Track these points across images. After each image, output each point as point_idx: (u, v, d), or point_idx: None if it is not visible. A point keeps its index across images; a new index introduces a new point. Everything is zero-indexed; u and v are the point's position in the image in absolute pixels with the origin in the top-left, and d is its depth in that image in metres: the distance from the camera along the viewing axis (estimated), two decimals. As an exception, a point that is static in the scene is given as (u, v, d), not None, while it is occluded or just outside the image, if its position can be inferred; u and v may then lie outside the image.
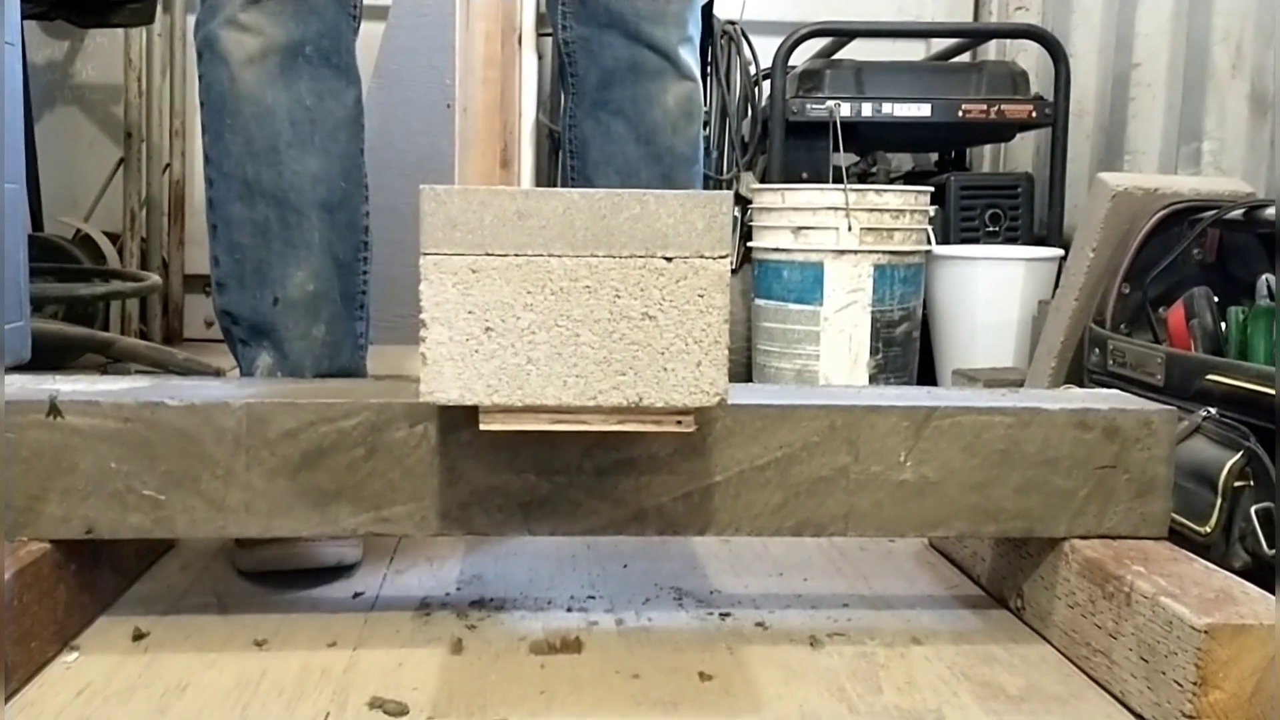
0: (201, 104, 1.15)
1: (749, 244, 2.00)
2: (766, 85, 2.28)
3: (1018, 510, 0.96)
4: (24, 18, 1.97)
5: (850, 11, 2.75)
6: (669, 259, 0.78)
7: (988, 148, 2.73)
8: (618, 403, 0.79)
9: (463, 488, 0.92)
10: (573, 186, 1.27)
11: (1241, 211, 1.40)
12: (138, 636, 0.93)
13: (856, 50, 2.42)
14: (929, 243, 1.95)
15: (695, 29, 1.25)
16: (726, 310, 0.79)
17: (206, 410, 0.90)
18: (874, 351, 1.85)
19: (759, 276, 1.94)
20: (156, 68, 2.74)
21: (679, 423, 0.81)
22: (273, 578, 1.06)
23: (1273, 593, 0.83)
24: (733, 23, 2.37)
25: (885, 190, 1.88)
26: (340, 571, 1.08)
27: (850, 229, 1.82)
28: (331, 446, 0.91)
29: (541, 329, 0.78)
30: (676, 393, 0.79)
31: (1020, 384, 1.10)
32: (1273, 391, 1.11)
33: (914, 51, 2.73)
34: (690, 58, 1.24)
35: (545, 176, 2.50)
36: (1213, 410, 1.15)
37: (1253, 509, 1.06)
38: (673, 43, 1.20)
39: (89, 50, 2.87)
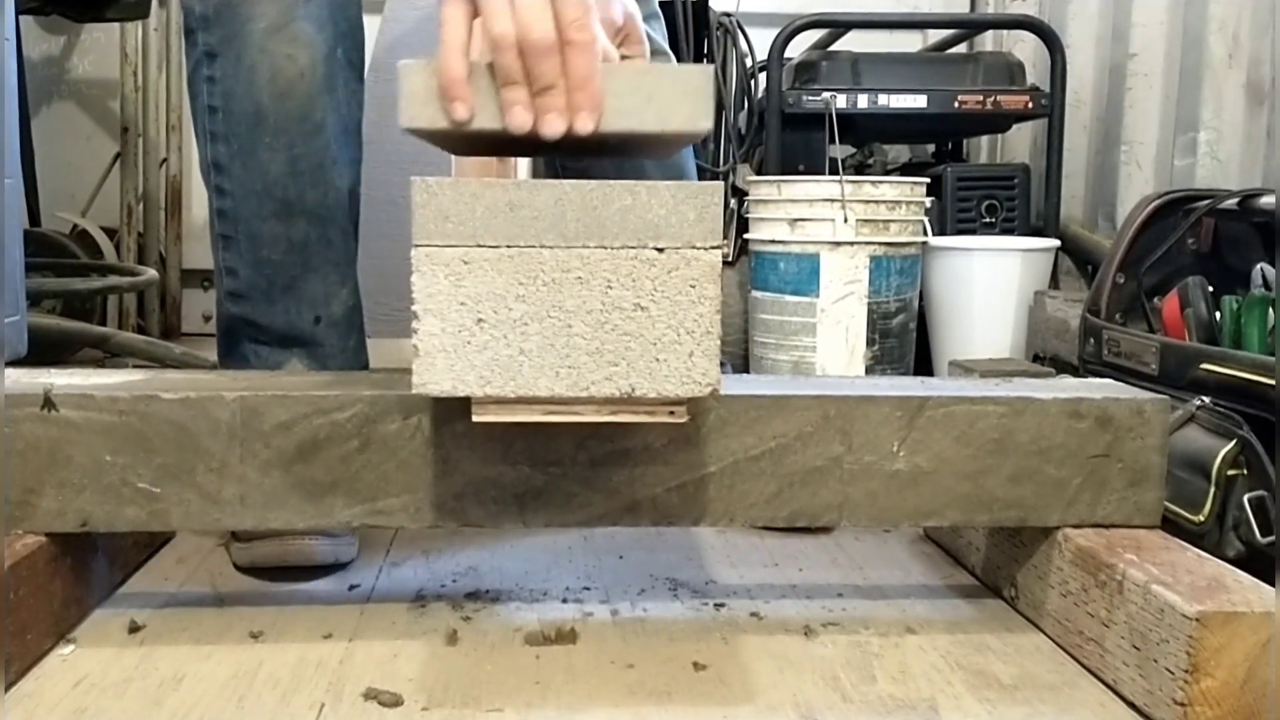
0: (213, 110, 1.08)
1: (745, 236, 2.00)
2: (763, 77, 2.28)
3: (1011, 500, 0.96)
4: (20, 13, 1.97)
5: (847, 3, 2.74)
6: (661, 250, 0.78)
7: (984, 139, 2.73)
8: (610, 394, 0.79)
9: (457, 479, 0.92)
10: (566, 176, 1.28)
11: (1236, 201, 1.40)
12: (134, 629, 0.94)
13: (853, 41, 2.42)
14: (925, 234, 1.94)
15: (655, 5, 1.30)
16: (718, 301, 0.79)
17: (201, 403, 0.90)
18: (870, 343, 1.85)
19: (756, 268, 1.94)
20: (153, 62, 2.74)
21: (672, 413, 0.81)
22: (268, 572, 1.06)
23: (1266, 581, 0.83)
24: (729, 15, 2.37)
25: (881, 182, 1.88)
26: (336, 566, 1.08)
27: (846, 220, 1.81)
28: (326, 439, 0.91)
29: (533, 320, 0.78)
30: (669, 383, 0.79)
31: (1016, 374, 1.10)
32: (1267, 380, 1.11)
33: (910, 43, 2.72)
34: (656, 32, 1.28)
35: (541, 168, 2.49)
36: (1207, 399, 1.15)
37: (1246, 497, 1.07)
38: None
39: (85, 45, 2.86)
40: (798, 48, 2.28)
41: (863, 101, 2.16)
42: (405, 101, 0.80)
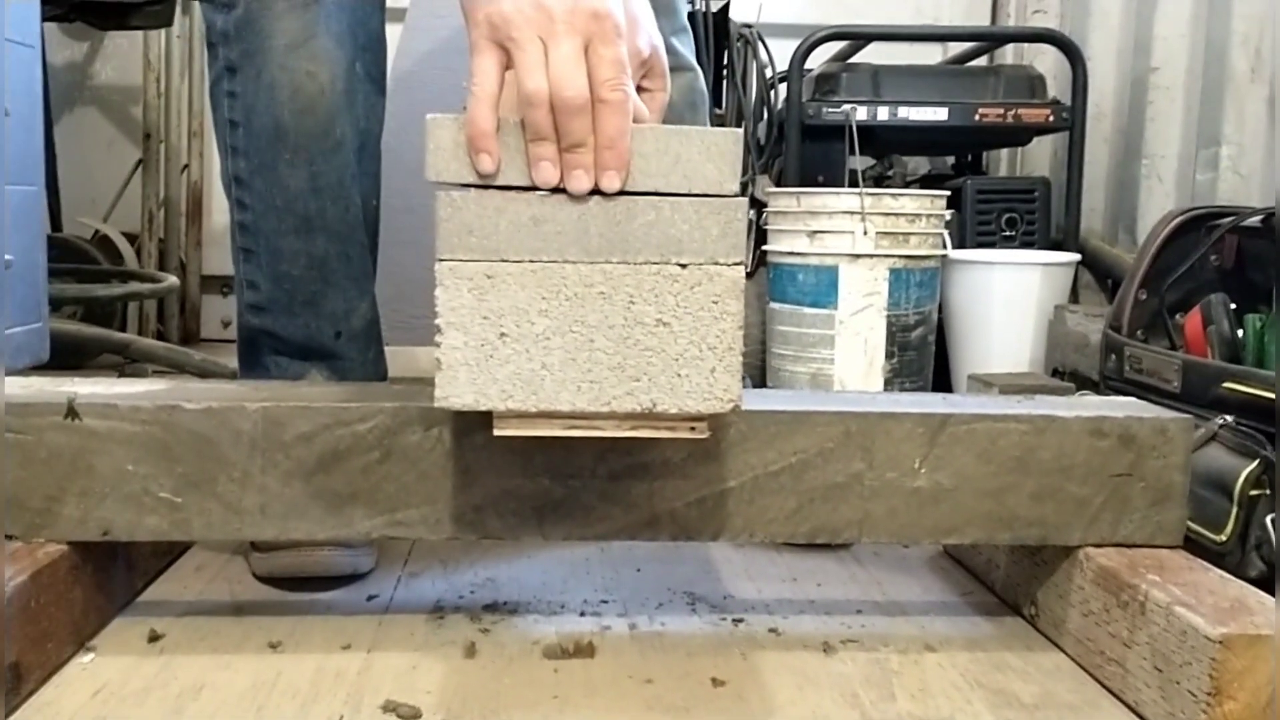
0: (234, 124, 1.08)
1: (764, 247, 2.00)
2: (783, 88, 2.28)
3: (1032, 518, 0.96)
4: (44, 20, 1.98)
5: (867, 15, 2.74)
6: (684, 265, 0.78)
7: (1005, 151, 2.72)
8: (631, 409, 0.79)
9: (476, 491, 0.92)
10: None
11: (1260, 218, 1.39)
12: (153, 638, 0.94)
13: (873, 53, 2.41)
14: (945, 247, 1.94)
15: (684, 19, 1.28)
16: (741, 317, 0.79)
17: (223, 413, 0.90)
18: (889, 355, 1.84)
19: (774, 279, 1.94)
20: (175, 69, 2.76)
21: (693, 429, 0.81)
22: (287, 582, 1.06)
23: (1288, 602, 0.82)
24: (749, 26, 2.37)
25: (901, 194, 1.88)
26: (354, 577, 1.09)
27: (866, 233, 1.81)
28: (347, 450, 0.91)
29: (556, 335, 0.78)
30: (690, 399, 0.79)
31: (1036, 390, 1.09)
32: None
33: (931, 55, 2.72)
34: (685, 47, 1.27)
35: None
36: (1229, 418, 1.14)
37: (1269, 518, 1.06)
38: (667, 34, 1.21)
39: (108, 52, 2.88)
40: (818, 59, 2.28)
41: (883, 113, 2.16)
42: (432, 155, 0.79)
